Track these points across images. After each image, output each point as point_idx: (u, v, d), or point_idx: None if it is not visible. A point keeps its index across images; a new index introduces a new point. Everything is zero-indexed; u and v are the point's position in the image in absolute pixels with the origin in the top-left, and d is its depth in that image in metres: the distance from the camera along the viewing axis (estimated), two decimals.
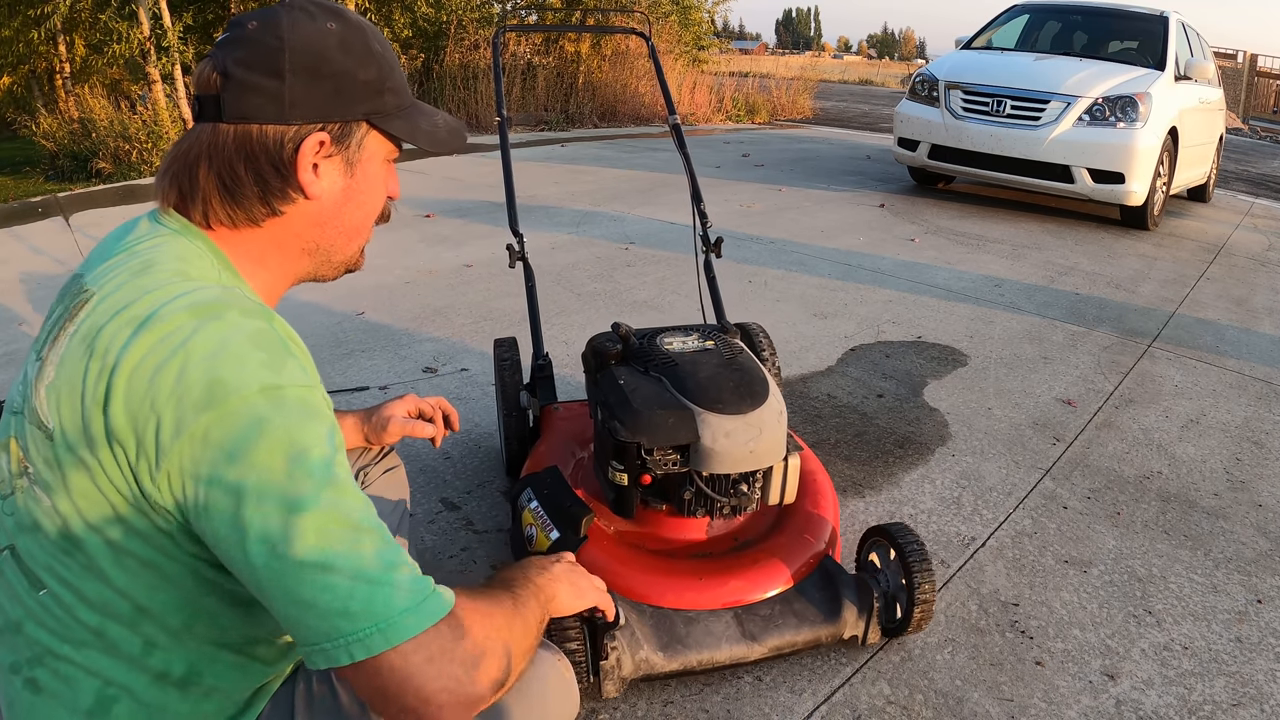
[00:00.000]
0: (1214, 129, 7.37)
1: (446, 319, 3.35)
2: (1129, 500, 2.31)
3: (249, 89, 0.85)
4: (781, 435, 1.56)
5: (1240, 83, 17.55)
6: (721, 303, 2.32)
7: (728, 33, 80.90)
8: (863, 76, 34.24)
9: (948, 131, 6.02)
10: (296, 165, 0.88)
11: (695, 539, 1.70)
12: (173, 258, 0.84)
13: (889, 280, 4.25)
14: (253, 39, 0.86)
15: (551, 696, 1.01)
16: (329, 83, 0.88)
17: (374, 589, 0.76)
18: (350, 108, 0.90)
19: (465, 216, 5.08)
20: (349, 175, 0.93)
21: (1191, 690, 1.62)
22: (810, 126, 12.19)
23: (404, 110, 0.96)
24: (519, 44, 10.44)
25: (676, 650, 1.48)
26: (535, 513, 1.65)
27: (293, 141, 0.87)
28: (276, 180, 0.88)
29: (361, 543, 0.76)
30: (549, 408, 2.07)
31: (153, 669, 0.84)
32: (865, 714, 1.51)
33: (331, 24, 0.89)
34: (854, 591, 1.61)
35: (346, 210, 0.94)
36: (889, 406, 2.80)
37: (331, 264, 0.98)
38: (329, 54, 0.88)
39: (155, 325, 0.77)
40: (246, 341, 0.77)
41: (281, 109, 0.86)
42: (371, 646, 0.75)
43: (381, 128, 0.93)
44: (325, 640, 0.75)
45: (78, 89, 7.92)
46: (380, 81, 0.92)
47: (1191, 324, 3.92)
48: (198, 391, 0.74)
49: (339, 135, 0.90)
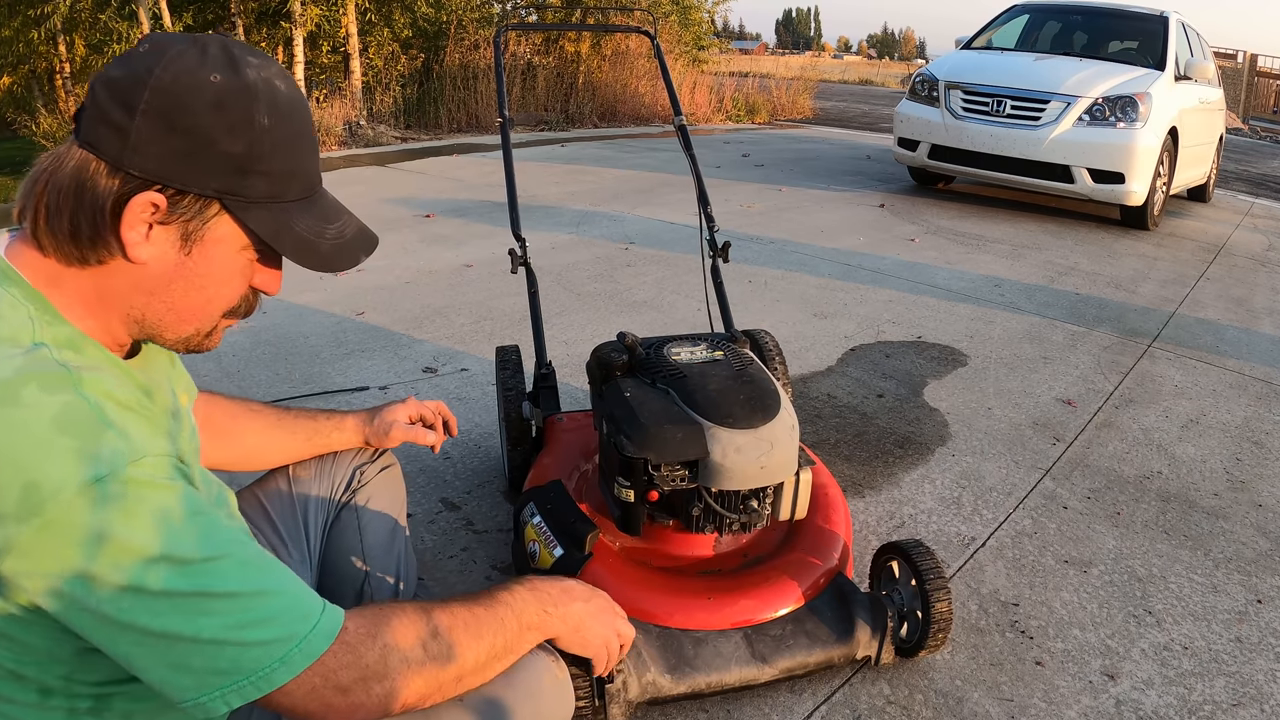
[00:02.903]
0: (1214, 129, 7.37)
1: (446, 319, 3.35)
2: (1129, 500, 2.31)
3: (101, 117, 0.75)
4: (793, 450, 1.51)
5: (1240, 83, 17.55)
6: (729, 309, 2.27)
7: (728, 33, 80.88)
8: (863, 76, 34.24)
9: (948, 131, 6.02)
10: (121, 220, 0.76)
11: (703, 555, 1.65)
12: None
13: (889, 280, 4.25)
14: (133, 61, 0.76)
15: (545, 698, 1.01)
16: (182, 140, 0.75)
17: (242, 650, 0.76)
18: (198, 178, 0.77)
19: (465, 216, 5.08)
20: (183, 252, 0.80)
21: (1191, 690, 1.62)
22: (810, 126, 12.19)
23: (279, 203, 0.82)
24: (519, 44, 10.44)
25: (685, 672, 1.43)
26: (539, 528, 1.60)
27: (119, 194, 0.75)
28: (89, 227, 0.76)
29: (227, 609, 0.75)
30: (552, 418, 2.00)
31: (60, 709, 0.83)
32: (865, 714, 1.51)
33: (217, 76, 0.76)
34: (868, 611, 1.56)
35: (176, 288, 0.81)
36: (889, 406, 2.80)
37: (163, 338, 0.85)
38: (194, 107, 0.75)
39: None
40: (52, 428, 0.70)
41: (122, 151, 0.75)
42: (246, 695, 0.77)
43: (236, 215, 0.80)
44: (200, 694, 0.76)
45: (78, 89, 7.93)
46: (247, 160, 0.78)
47: (1191, 324, 3.92)
48: (12, 501, 0.68)
49: (175, 205, 0.77)
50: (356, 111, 8.28)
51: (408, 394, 1.46)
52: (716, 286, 2.29)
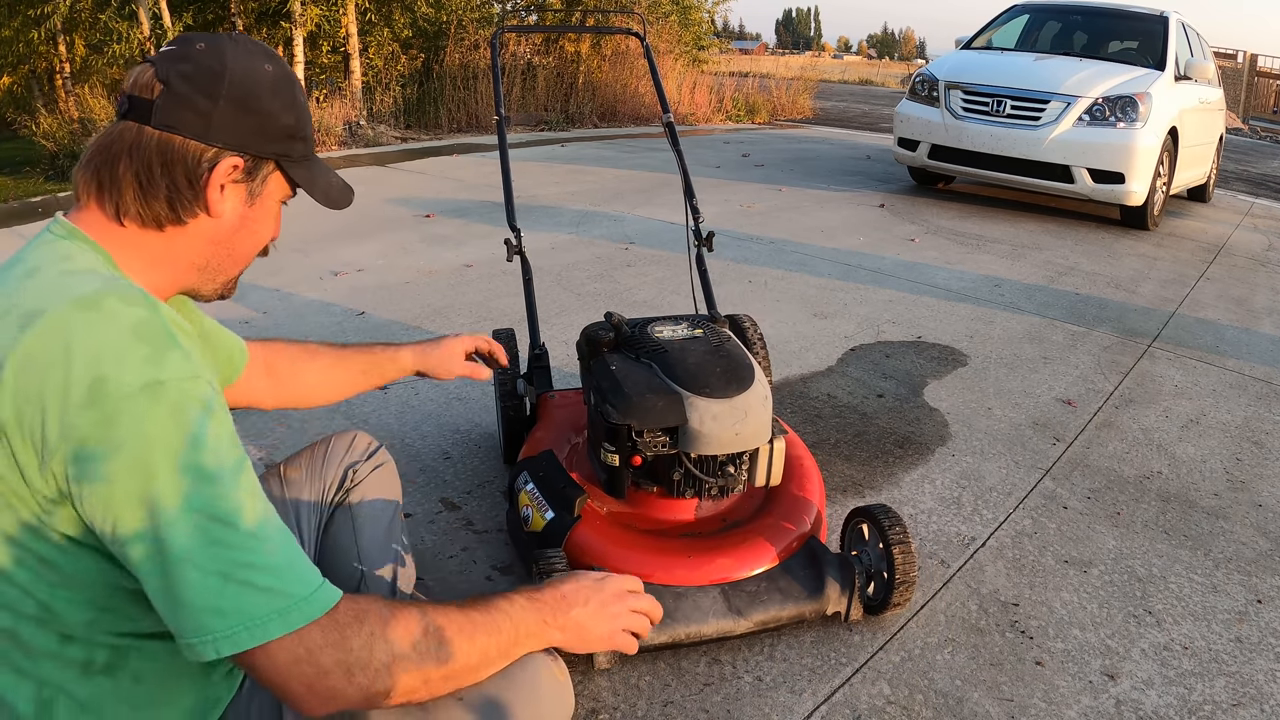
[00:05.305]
0: (1214, 129, 7.37)
1: (446, 319, 3.35)
2: (1129, 500, 2.31)
3: (184, 103, 0.91)
4: (767, 419, 1.62)
5: (1240, 83, 17.55)
6: (712, 294, 2.38)
7: (728, 33, 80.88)
8: (863, 76, 34.24)
9: (948, 131, 6.02)
10: (208, 182, 0.93)
11: (684, 519, 1.76)
12: (56, 259, 0.88)
13: (889, 280, 4.25)
14: (198, 59, 0.92)
15: (545, 698, 1.01)
16: (254, 118, 0.95)
17: (244, 589, 0.80)
18: (265, 145, 0.97)
19: (465, 216, 5.08)
20: (249, 204, 0.99)
21: (1191, 690, 1.62)
22: (810, 126, 12.19)
23: (307, 160, 1.04)
24: (519, 44, 10.44)
25: (665, 624, 1.53)
26: (531, 494, 1.71)
27: (210, 161, 0.93)
28: (188, 191, 0.93)
29: (238, 543, 0.80)
30: (545, 395, 2.14)
31: (76, 660, 0.86)
32: (865, 714, 1.51)
33: (268, 66, 0.97)
34: (837, 569, 1.67)
35: (240, 235, 1.00)
36: (889, 406, 2.80)
37: (215, 283, 1.03)
38: (260, 92, 0.95)
39: (40, 323, 0.80)
40: (129, 335, 0.80)
41: (207, 129, 0.92)
42: (238, 643, 0.79)
43: (286, 171, 1.01)
44: (194, 635, 0.79)
45: (78, 89, 7.93)
46: (295, 129, 1.00)
47: (1191, 324, 3.92)
48: (80, 390, 0.77)
49: (250, 167, 0.97)
50: (356, 111, 8.28)
51: (460, 333, 1.60)
52: (701, 273, 2.40)
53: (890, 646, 1.67)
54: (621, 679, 1.55)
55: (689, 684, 1.55)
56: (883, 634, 1.70)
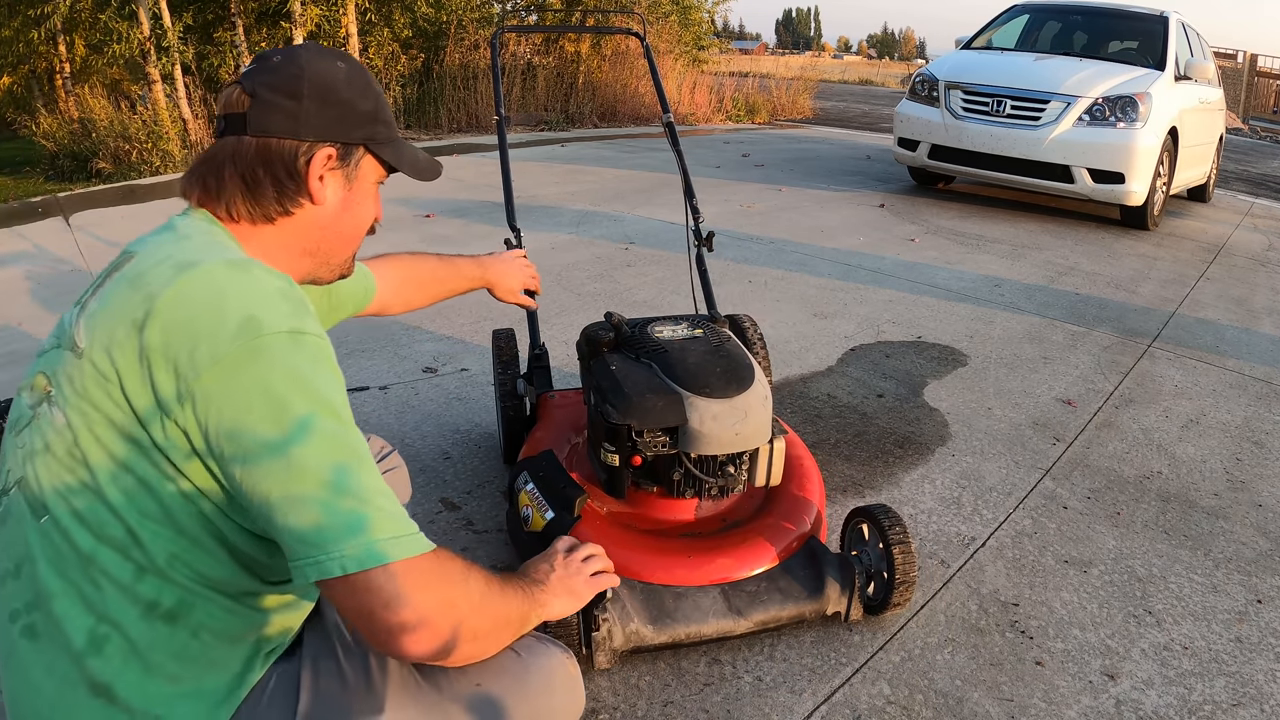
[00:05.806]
0: (1214, 129, 7.37)
1: (446, 319, 3.35)
2: (1129, 500, 2.31)
3: (272, 107, 1.01)
4: (766, 419, 1.62)
5: (1240, 83, 17.55)
6: (712, 294, 2.38)
7: (728, 33, 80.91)
8: (863, 76, 34.24)
9: (948, 131, 6.02)
10: (307, 173, 1.02)
11: (685, 519, 1.76)
12: (204, 233, 0.98)
13: (889, 280, 4.25)
14: (277, 68, 1.02)
15: (558, 692, 1.07)
16: (336, 109, 1.04)
17: (370, 511, 0.85)
18: (351, 132, 1.05)
19: (465, 216, 5.08)
20: (347, 188, 1.07)
21: (1191, 690, 1.62)
22: (810, 126, 12.19)
23: (392, 141, 1.12)
24: (519, 44, 10.44)
25: (665, 624, 1.54)
26: (531, 494, 1.72)
27: (305, 154, 1.02)
28: (290, 184, 1.02)
29: (363, 470, 0.87)
30: (545, 395, 2.14)
31: (143, 598, 0.88)
32: (865, 714, 1.51)
33: (340, 63, 1.06)
34: (837, 569, 1.66)
35: (344, 218, 1.08)
36: (889, 406, 2.80)
37: (329, 265, 1.11)
38: (337, 85, 1.04)
39: (196, 269, 0.89)
40: (275, 293, 0.90)
41: (297, 126, 1.01)
42: (364, 560, 0.83)
43: (375, 152, 1.09)
44: (320, 552, 0.83)
45: (78, 89, 7.93)
46: (375, 113, 1.08)
47: (1191, 324, 3.92)
48: (234, 324, 0.85)
49: (343, 154, 1.05)
50: None
51: (514, 257, 1.83)
52: (701, 273, 2.39)
53: (890, 646, 1.67)
54: (621, 679, 1.55)
55: (689, 684, 1.55)
56: (883, 634, 1.71)
